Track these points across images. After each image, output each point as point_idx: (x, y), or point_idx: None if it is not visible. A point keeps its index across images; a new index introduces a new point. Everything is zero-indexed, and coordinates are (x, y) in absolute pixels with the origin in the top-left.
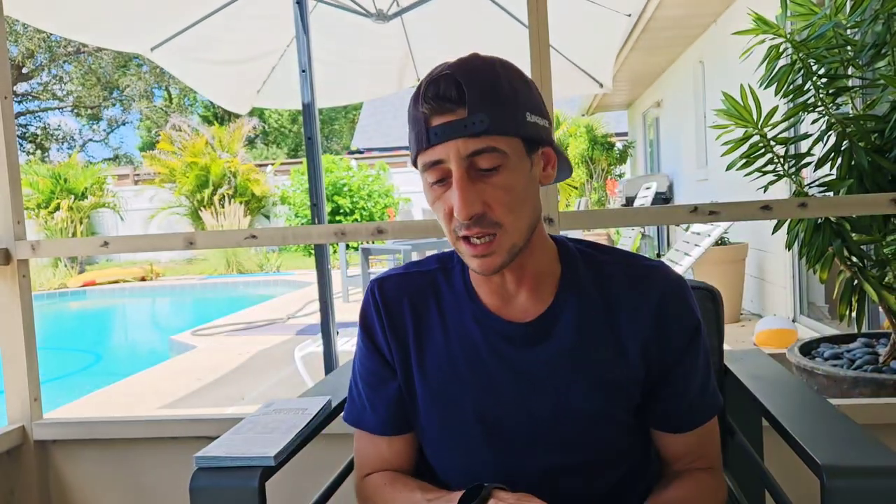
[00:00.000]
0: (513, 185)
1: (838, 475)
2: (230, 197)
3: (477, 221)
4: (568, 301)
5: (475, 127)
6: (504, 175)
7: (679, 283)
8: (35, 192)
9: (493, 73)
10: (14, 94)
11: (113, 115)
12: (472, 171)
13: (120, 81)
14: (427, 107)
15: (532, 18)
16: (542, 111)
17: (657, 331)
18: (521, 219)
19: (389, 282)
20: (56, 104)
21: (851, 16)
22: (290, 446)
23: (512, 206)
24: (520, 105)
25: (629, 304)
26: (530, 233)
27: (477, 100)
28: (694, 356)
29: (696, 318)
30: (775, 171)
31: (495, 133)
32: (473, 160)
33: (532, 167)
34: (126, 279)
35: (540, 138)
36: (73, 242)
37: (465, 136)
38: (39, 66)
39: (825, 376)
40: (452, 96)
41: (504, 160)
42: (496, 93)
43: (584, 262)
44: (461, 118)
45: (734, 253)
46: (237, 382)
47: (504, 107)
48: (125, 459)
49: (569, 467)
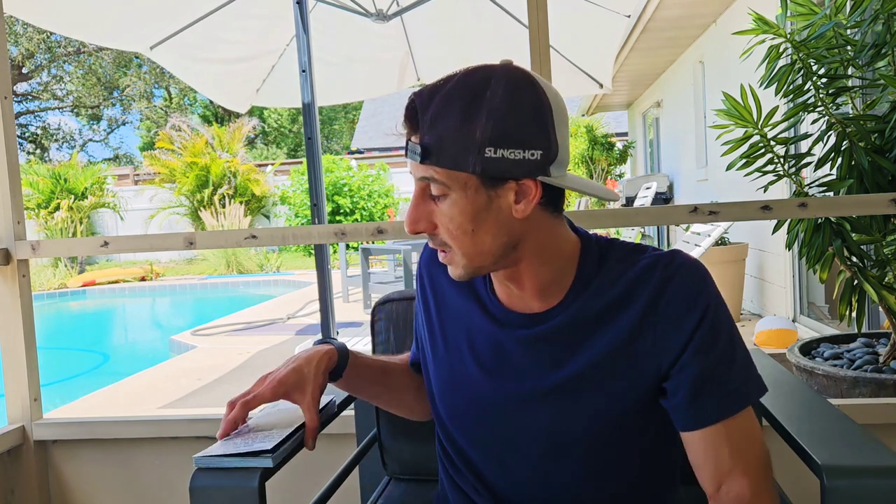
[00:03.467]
0: (454, 215)
1: (838, 475)
2: (230, 197)
3: (430, 237)
4: (573, 302)
5: (423, 152)
6: (447, 204)
7: (678, 266)
8: (35, 192)
9: (459, 102)
10: (14, 94)
11: (113, 114)
12: (427, 192)
13: (120, 81)
14: (402, 121)
15: (532, 19)
16: (522, 142)
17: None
18: (471, 245)
19: (429, 264)
20: (56, 104)
21: (851, 16)
22: (290, 447)
23: (455, 234)
24: (477, 140)
25: (633, 299)
26: (497, 258)
27: (426, 128)
28: (704, 337)
29: (703, 301)
30: (775, 171)
31: (435, 164)
32: (424, 185)
33: (493, 200)
34: (126, 279)
35: (504, 173)
36: (73, 242)
37: (414, 160)
38: (39, 66)
39: (825, 376)
40: (408, 117)
41: (445, 190)
42: (446, 125)
43: (601, 263)
44: (414, 141)
45: (734, 253)
46: (237, 382)
47: (451, 141)
48: (125, 459)
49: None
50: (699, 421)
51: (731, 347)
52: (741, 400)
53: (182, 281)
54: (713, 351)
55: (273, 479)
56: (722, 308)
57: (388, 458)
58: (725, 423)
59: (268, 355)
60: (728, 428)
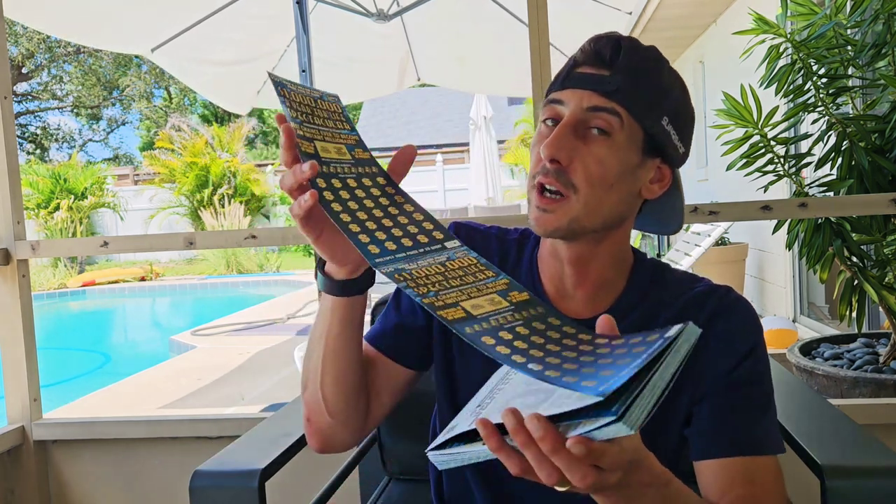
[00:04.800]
0: (606, 160)
1: (838, 475)
2: (230, 197)
3: (556, 173)
4: (624, 313)
5: (608, 85)
6: (606, 146)
7: (734, 300)
8: (35, 192)
9: (656, 64)
10: (14, 94)
11: (113, 114)
12: (580, 127)
13: (120, 81)
14: (580, 54)
15: (532, 17)
16: (682, 131)
17: (704, 345)
18: (599, 199)
19: (468, 229)
20: (56, 104)
21: (852, 16)
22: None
23: (593, 180)
24: (663, 105)
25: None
26: (604, 225)
27: (624, 67)
28: (746, 373)
29: (753, 339)
30: (775, 171)
31: (623, 104)
32: (588, 117)
33: (639, 167)
34: (126, 279)
35: (663, 148)
36: (72, 242)
37: (594, 90)
38: (39, 66)
39: (825, 376)
40: (605, 55)
41: (613, 130)
42: (646, 75)
43: (652, 280)
44: (603, 74)
45: (734, 253)
46: (237, 382)
47: (651, 92)
48: (125, 459)
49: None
50: (720, 448)
51: (767, 394)
52: (761, 445)
53: (182, 281)
54: (750, 388)
55: (273, 479)
56: (766, 356)
57: (387, 458)
58: (744, 460)
59: (267, 355)
60: (746, 466)
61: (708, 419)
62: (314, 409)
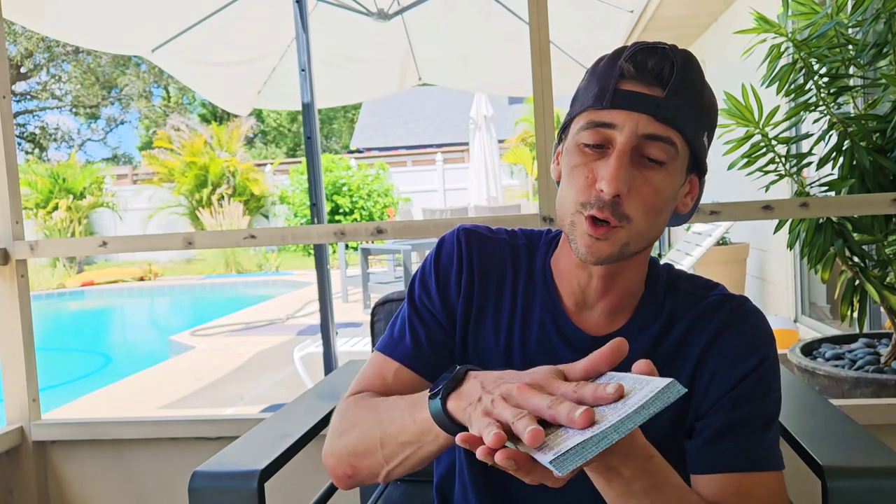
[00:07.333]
0: (663, 189)
1: (840, 476)
2: (229, 196)
3: (612, 206)
4: (640, 330)
5: (668, 112)
6: (662, 175)
7: (747, 312)
8: (33, 192)
9: (701, 79)
10: (12, 94)
11: (111, 114)
12: (634, 154)
13: (118, 81)
14: (628, 68)
15: (533, 15)
16: (711, 139)
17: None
18: (650, 226)
19: (479, 237)
20: (54, 103)
21: (853, 15)
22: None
23: (649, 210)
24: (706, 122)
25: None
26: (648, 245)
27: (678, 88)
28: (752, 387)
29: (763, 352)
30: (777, 170)
31: (680, 130)
32: (643, 144)
33: (681, 185)
34: (125, 279)
35: (701, 163)
36: (71, 242)
37: (652, 115)
38: (38, 66)
39: (826, 377)
40: (662, 72)
41: (670, 160)
42: (699, 96)
43: (667, 290)
44: (657, 96)
45: (735, 253)
46: (236, 383)
47: (699, 112)
48: (124, 460)
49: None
50: (716, 463)
51: (770, 411)
52: (760, 462)
53: (181, 281)
54: (753, 405)
55: (273, 479)
56: (775, 369)
57: None
58: (741, 476)
59: (267, 356)
60: (741, 482)
61: (708, 434)
62: (367, 478)
